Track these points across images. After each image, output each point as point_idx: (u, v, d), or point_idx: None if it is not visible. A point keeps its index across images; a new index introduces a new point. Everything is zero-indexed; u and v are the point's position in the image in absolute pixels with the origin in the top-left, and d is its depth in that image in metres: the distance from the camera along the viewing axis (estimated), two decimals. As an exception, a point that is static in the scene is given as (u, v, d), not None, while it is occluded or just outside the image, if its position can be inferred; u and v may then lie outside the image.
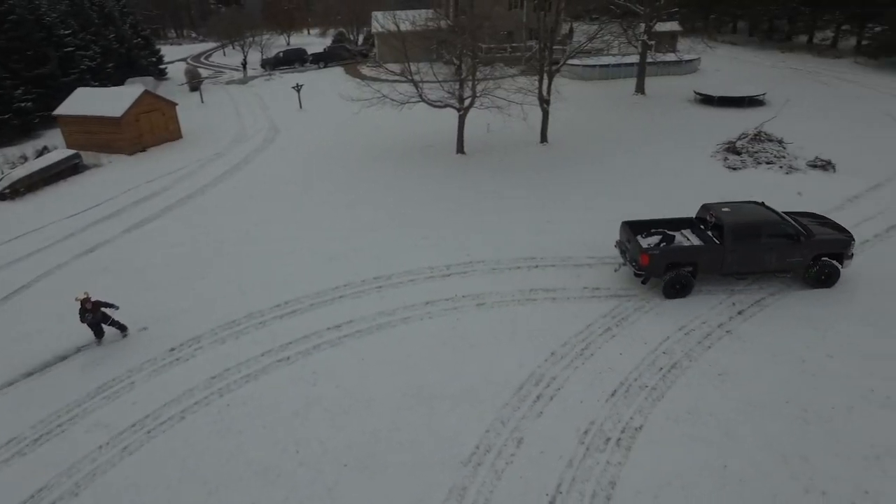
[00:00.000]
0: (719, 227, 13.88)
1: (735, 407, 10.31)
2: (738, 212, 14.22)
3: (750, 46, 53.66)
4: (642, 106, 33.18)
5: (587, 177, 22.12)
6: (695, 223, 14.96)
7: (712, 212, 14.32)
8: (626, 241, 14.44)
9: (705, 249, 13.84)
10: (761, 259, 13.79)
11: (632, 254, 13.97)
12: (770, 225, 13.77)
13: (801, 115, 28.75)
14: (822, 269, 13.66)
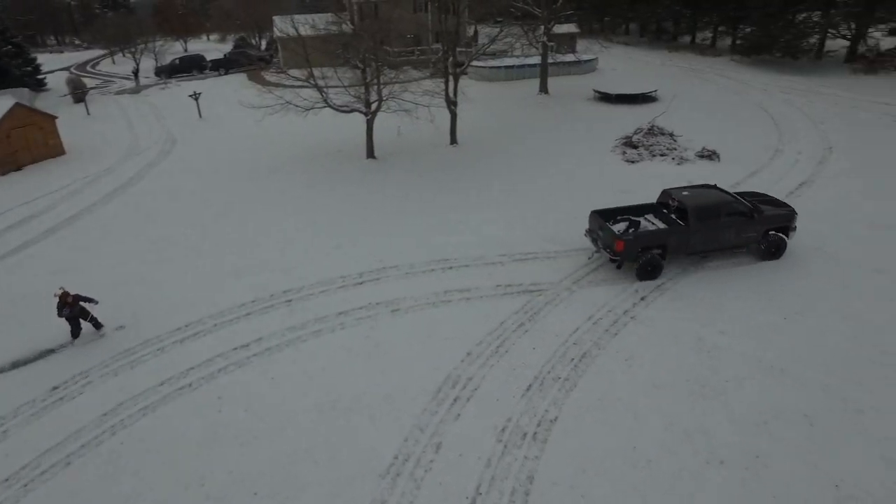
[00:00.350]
0: (682, 210, 14.72)
1: (641, 390, 10.78)
2: (697, 195, 15.13)
3: (641, 46, 57.25)
4: (546, 105, 34.35)
5: (497, 175, 22.51)
6: (657, 208, 15.76)
7: (674, 196, 15.15)
8: (599, 230, 14.89)
9: (673, 232, 14.60)
10: (721, 237, 14.73)
11: (605, 241, 14.48)
12: (727, 205, 14.72)
13: (689, 109, 30.93)
14: (772, 242, 14.83)
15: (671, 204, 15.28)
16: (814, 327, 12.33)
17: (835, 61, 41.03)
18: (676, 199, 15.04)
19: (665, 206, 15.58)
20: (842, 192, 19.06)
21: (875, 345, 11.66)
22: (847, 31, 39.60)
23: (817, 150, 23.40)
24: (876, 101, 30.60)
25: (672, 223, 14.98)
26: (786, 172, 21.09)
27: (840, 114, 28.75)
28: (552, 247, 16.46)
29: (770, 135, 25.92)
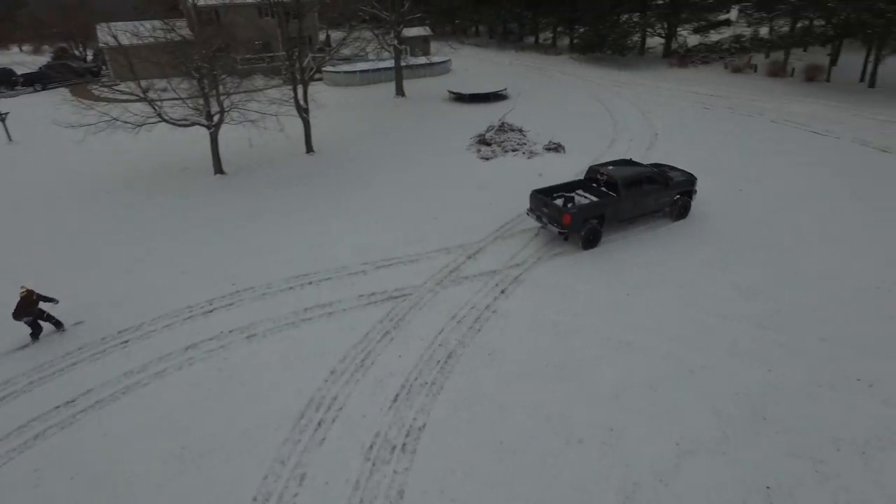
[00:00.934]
0: (612, 182, 16.33)
1: (505, 382, 11.01)
2: (622, 168, 16.94)
3: (491, 47, 59.88)
4: (403, 107, 34.50)
5: (356, 182, 22.05)
6: (584, 184, 17.25)
7: (601, 171, 16.75)
8: (543, 207, 16.01)
9: (609, 202, 16.12)
10: (644, 204, 16.62)
11: (551, 216, 15.67)
12: (647, 175, 16.64)
13: (535, 105, 32.81)
14: (682, 205, 17.15)
15: (600, 178, 16.83)
16: (652, 299, 13.48)
17: (655, 57, 46.00)
18: (605, 173, 16.64)
19: (594, 181, 17.08)
20: (667, 174, 21.21)
21: (701, 308, 13.01)
22: (661, 31, 44.53)
23: (646, 136, 25.91)
24: (688, 90, 34.75)
25: (604, 195, 16.44)
26: (621, 157, 23.01)
27: (661, 103, 32.18)
28: (414, 249, 16.40)
29: (606, 125, 28.26)
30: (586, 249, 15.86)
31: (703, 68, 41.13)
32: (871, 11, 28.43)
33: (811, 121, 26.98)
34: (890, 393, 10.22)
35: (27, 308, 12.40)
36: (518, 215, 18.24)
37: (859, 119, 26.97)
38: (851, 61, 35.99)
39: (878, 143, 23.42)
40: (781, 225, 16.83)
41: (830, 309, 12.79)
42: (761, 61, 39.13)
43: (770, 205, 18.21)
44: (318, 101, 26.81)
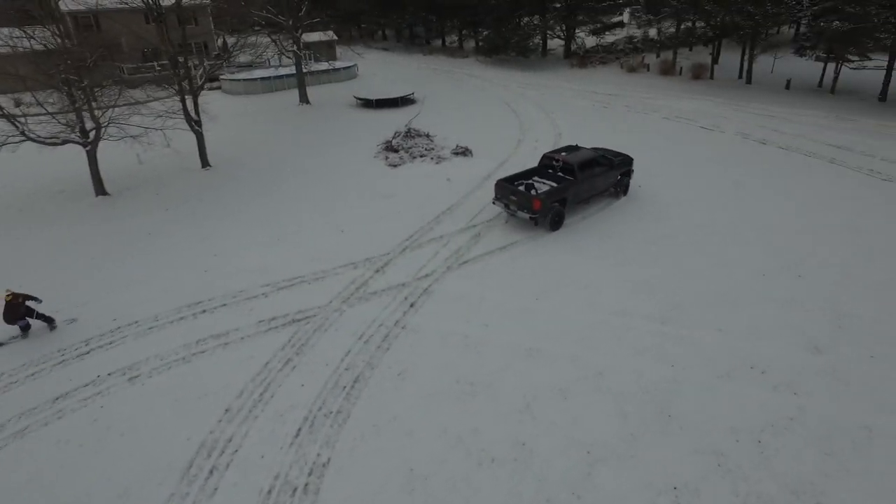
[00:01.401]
0: (568, 166, 17.44)
1: (414, 403, 10.54)
2: (574, 153, 17.95)
3: (399, 51, 59.44)
4: (308, 115, 33.24)
5: (257, 196, 20.79)
6: (540, 171, 18.30)
7: (557, 157, 17.79)
8: (511, 195, 16.81)
9: (570, 185, 17.18)
10: (596, 185, 18.09)
11: (522, 203, 16.46)
12: (596, 158, 18.00)
13: (443, 108, 32.70)
14: (624, 184, 19.18)
15: (555, 164, 17.89)
16: (559, 302, 13.53)
17: (557, 58, 47.50)
18: (560, 158, 17.72)
19: (549, 167, 18.15)
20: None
21: (605, 307, 13.21)
22: (561, 33, 46.03)
23: (550, 136, 26.44)
24: (588, 90, 36.03)
25: (562, 180, 17.52)
26: (528, 159, 23.30)
27: (564, 103, 33.10)
28: (319, 266, 15.58)
29: (512, 126, 28.60)
30: (554, 230, 16.98)
31: (601, 68, 42.89)
32: (742, 14, 30.74)
33: (699, 117, 28.70)
34: (779, 378, 10.75)
35: (15, 311, 12.50)
36: (428, 223, 17.90)
37: (740, 114, 29.02)
38: (731, 60, 38.91)
39: (757, 136, 25.24)
40: (676, 219, 17.57)
41: (724, 299, 13.38)
42: (653, 61, 41.39)
43: (665, 199, 19.01)
44: (211, 113, 25.16)
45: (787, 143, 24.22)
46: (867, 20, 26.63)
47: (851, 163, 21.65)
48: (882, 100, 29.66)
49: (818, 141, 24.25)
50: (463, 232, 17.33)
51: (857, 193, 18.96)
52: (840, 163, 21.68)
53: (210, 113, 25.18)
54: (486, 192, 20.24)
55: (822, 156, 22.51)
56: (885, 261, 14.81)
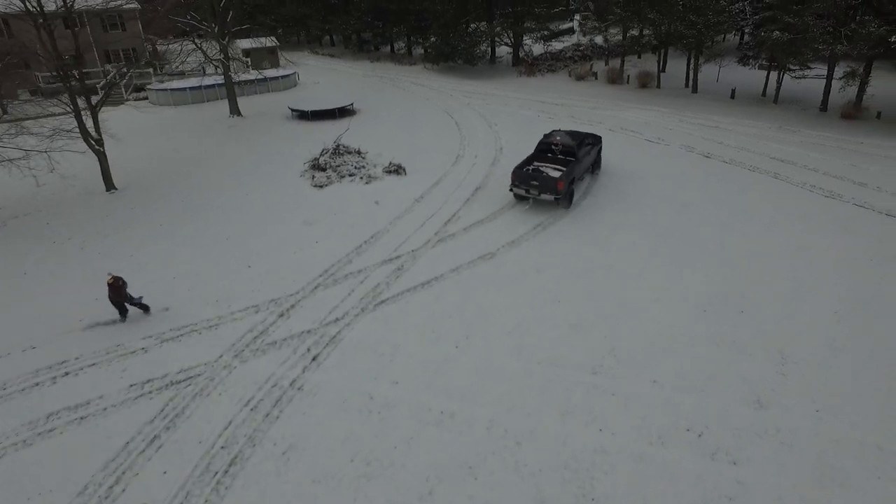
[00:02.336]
0: (568, 148, 19.18)
1: (296, 493, 8.82)
2: (566, 136, 19.55)
3: (346, 57, 57.40)
4: (238, 128, 31.01)
5: (160, 225, 18.63)
6: (539, 155, 19.66)
7: (554, 141, 19.41)
8: (532, 181, 17.92)
9: (576, 164, 18.80)
10: (587, 162, 20.31)
11: (545, 186, 17.70)
12: (585, 139, 20.25)
13: (382, 120, 31.02)
14: (599, 159, 21.65)
15: (555, 147, 19.44)
16: (480, 350, 12.03)
17: (506, 65, 46.46)
18: (558, 142, 19.33)
19: (547, 151, 19.62)
20: (502, 194, 20.29)
21: (532, 355, 11.77)
22: (508, 40, 45.00)
23: (490, 152, 25.08)
24: (535, 99, 34.93)
25: (563, 161, 18.99)
26: (464, 178, 21.85)
27: (509, 113, 31.87)
28: (215, 310, 13.67)
29: (453, 140, 27.14)
30: (569, 207, 18.63)
31: (549, 76, 42.00)
32: (685, 23, 30.18)
33: (644, 128, 27.87)
34: (718, 443, 9.48)
35: (119, 292, 12.78)
36: (347, 254, 16.20)
37: (685, 125, 28.34)
38: (678, 67, 38.55)
39: (701, 149, 24.47)
40: (617, 245, 16.37)
41: (662, 341, 12.13)
42: (602, 69, 40.72)
43: (607, 223, 17.81)
44: (133, 126, 22.75)
45: (731, 156, 23.50)
46: (805, 30, 26.30)
47: (795, 178, 20.99)
48: (823, 110, 29.50)
49: (762, 154, 23.63)
50: (385, 264, 15.69)
51: (802, 211, 18.19)
52: (784, 178, 20.99)
53: (132, 126, 22.78)
54: (415, 216, 18.68)
55: (765, 170, 21.82)
56: (830, 288, 13.88)
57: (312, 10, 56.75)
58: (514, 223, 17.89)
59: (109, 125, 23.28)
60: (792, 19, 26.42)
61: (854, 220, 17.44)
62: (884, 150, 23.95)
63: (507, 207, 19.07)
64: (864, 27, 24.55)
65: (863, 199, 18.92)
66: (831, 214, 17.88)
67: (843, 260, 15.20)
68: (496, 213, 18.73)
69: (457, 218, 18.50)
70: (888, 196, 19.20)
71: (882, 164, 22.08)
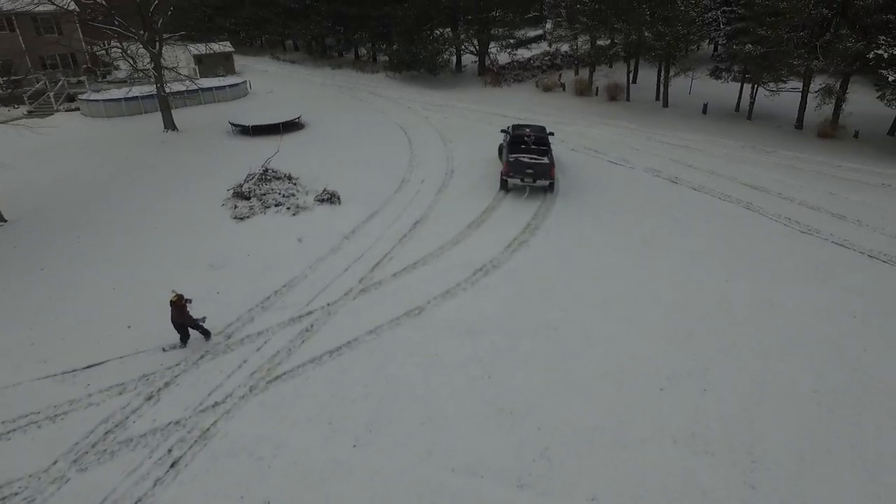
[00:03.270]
0: (541, 138, 21.02)
1: None
2: (531, 127, 22.12)
3: (308, 64, 54.72)
4: (170, 146, 28.28)
5: (51, 266, 15.94)
6: (514, 147, 20.81)
7: (526, 133, 21.20)
8: (528, 169, 19.32)
9: (550, 153, 20.57)
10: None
11: (539, 173, 19.32)
12: (545, 130, 22.28)
13: (328, 137, 28.54)
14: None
15: (527, 139, 20.95)
16: (384, 449, 9.67)
17: (472, 74, 44.28)
18: (530, 133, 21.19)
19: (522, 143, 20.89)
20: (443, 229, 18.01)
21: (446, 462, 9.45)
22: (474, 48, 42.83)
23: (440, 175, 22.76)
24: (497, 112, 32.75)
25: (538, 151, 20.54)
26: (405, 208, 19.50)
27: (468, 128, 29.64)
28: (68, 392, 11.12)
29: (401, 160, 24.79)
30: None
31: (516, 87, 39.91)
32: (653, 33, 28.27)
33: (609, 148, 25.81)
34: None
35: (182, 313, 11.83)
36: (249, 310, 13.74)
37: (653, 144, 26.37)
38: (650, 78, 36.70)
39: (668, 173, 22.47)
40: (564, 297, 14.16)
41: (609, 436, 9.91)
42: (571, 79, 38.72)
43: (555, 267, 15.61)
44: (53, 141, 19.96)
45: (700, 182, 21.52)
46: (779, 44, 24.50)
47: (769, 208, 19.04)
48: (798, 127, 27.79)
49: (734, 179, 21.69)
50: (292, 324, 13.27)
51: (776, 251, 16.19)
52: (756, 209, 19.03)
53: (52, 141, 19.98)
54: (340, 257, 16.30)
55: (737, 199, 19.85)
56: (807, 358, 11.82)
57: (272, 14, 53.99)
58: (452, 267, 15.59)
59: (57, 134, 20.47)
60: (765, 32, 24.60)
61: (833, 264, 15.49)
62: (863, 175, 22.19)
63: (448, 246, 16.77)
64: (841, 42, 22.80)
65: (842, 236, 17.01)
66: (808, 256, 15.90)
67: (821, 318, 13.18)
68: (434, 253, 16.42)
69: (388, 260, 16.15)
70: (868, 232, 17.32)
71: (861, 193, 20.27)
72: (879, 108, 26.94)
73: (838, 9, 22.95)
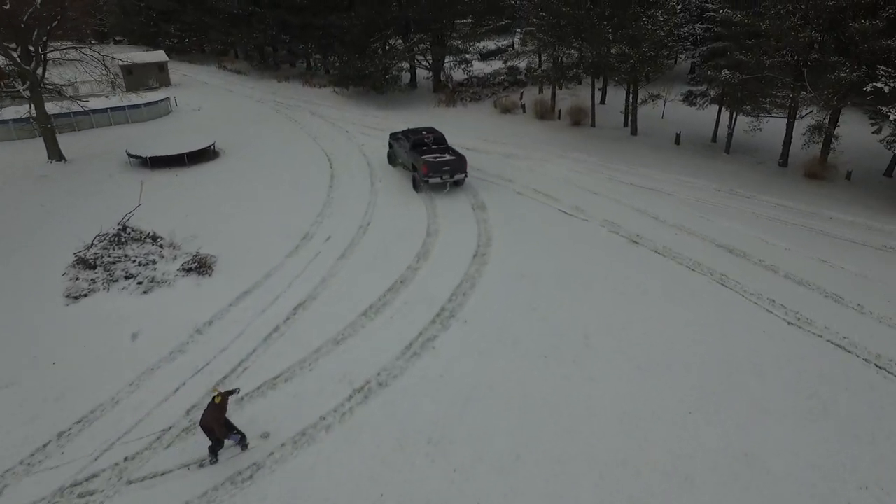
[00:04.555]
0: (439, 138, 22.37)
1: None
2: (426, 129, 23.19)
3: (254, 76, 50.14)
4: (50, 182, 23.78)
5: None
6: (419, 149, 21.72)
7: (425, 135, 22.23)
8: (445, 166, 20.72)
9: (450, 148, 22.46)
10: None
11: (456, 168, 20.87)
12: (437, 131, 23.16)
13: (236, 173, 24.26)
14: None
15: (427, 140, 21.88)
16: None
17: (427, 91, 40.20)
18: (429, 134, 22.29)
19: (423, 145, 21.75)
20: (330, 318, 13.87)
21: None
22: (427, 62, 38.80)
23: (351, 230, 18.59)
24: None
25: (440, 149, 21.84)
26: (290, 284, 15.32)
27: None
28: None
29: (313, 206, 20.58)
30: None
31: (472, 106, 35.91)
32: (616, 55, 24.47)
33: (563, 190, 21.85)
34: None
35: (220, 416, 9.17)
36: (1, 475, 9.45)
37: (615, 185, 22.48)
38: (619, 99, 32.88)
39: (629, 228, 18.56)
40: (460, 447, 10.06)
41: None
42: (533, 98, 34.76)
43: (455, 391, 11.52)
44: None
45: (666, 241, 17.64)
46: (760, 71, 20.78)
47: (748, 283, 15.19)
48: (783, 164, 24.12)
49: (706, 238, 17.84)
50: (56, 499, 9.03)
51: (755, 361, 12.27)
52: (733, 285, 15.16)
53: None
54: (177, 368, 12.09)
55: (709, 268, 15.99)
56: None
57: (215, 20, 49.42)
58: (323, 388, 11.45)
59: None
60: (744, 57, 20.85)
61: (832, 381, 11.60)
62: (859, 231, 18.47)
63: (327, 349, 12.62)
64: (833, 71, 19.09)
65: (842, 331, 13.17)
66: (798, 369, 12.00)
67: (816, 483, 9.25)
68: (306, 360, 12.28)
69: (241, 372, 11.97)
70: (873, 324, 13.50)
71: (859, 260, 16.50)
72: (873, 142, 23.42)
73: (830, 32, 19.23)
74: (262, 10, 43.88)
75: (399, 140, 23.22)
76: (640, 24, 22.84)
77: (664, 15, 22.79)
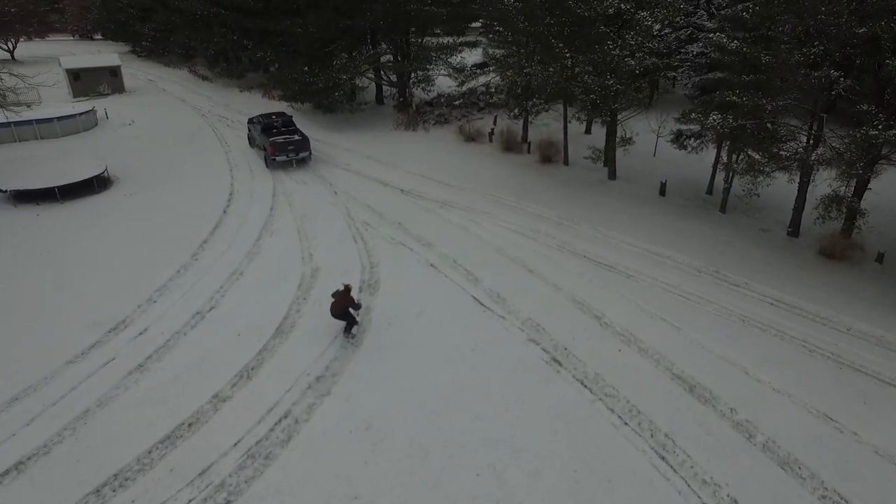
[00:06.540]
0: (286, 121, 25.01)
1: None
2: (275, 114, 26.22)
3: (218, 83, 45.94)
4: None
5: None
6: (269, 131, 24.22)
7: (273, 120, 24.83)
8: (290, 146, 23.10)
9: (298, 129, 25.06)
10: None
11: (300, 147, 23.38)
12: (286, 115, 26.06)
13: (107, 219, 19.75)
14: None
15: (276, 123, 24.56)
16: None
17: (391, 110, 35.31)
18: (276, 116, 25.16)
19: (273, 127, 24.32)
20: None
21: None
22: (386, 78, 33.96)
23: (185, 317, 13.88)
24: (386, 178, 23.67)
25: (289, 130, 24.30)
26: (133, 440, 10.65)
27: (335, 204, 20.66)
28: None
29: (163, 270, 15.93)
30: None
31: (436, 131, 30.92)
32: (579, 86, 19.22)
33: (495, 263, 16.78)
34: None
35: (347, 303, 12.22)
36: None
37: (566, 258, 17.29)
38: (600, 131, 27.52)
39: (554, 339, 13.39)
40: None
41: None
42: (503, 124, 29.59)
43: None
44: None
45: (600, 362, 12.44)
46: (760, 117, 15.38)
47: (713, 470, 9.94)
48: (793, 235, 18.60)
49: (661, 362, 12.60)
50: None
51: None
52: (687, 474, 9.93)
53: None
54: None
55: (649, 424, 10.78)
56: None
57: (181, 22, 45.44)
58: None
59: None
60: (738, 98, 15.48)
61: None
62: (894, 357, 12.97)
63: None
64: (860, 125, 13.63)
65: None
66: None
67: None
68: None
69: None
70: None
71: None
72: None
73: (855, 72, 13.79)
74: (225, 11, 39.60)
75: (254, 124, 25.85)
76: (604, 48, 17.56)
77: (637, 38, 17.49)
